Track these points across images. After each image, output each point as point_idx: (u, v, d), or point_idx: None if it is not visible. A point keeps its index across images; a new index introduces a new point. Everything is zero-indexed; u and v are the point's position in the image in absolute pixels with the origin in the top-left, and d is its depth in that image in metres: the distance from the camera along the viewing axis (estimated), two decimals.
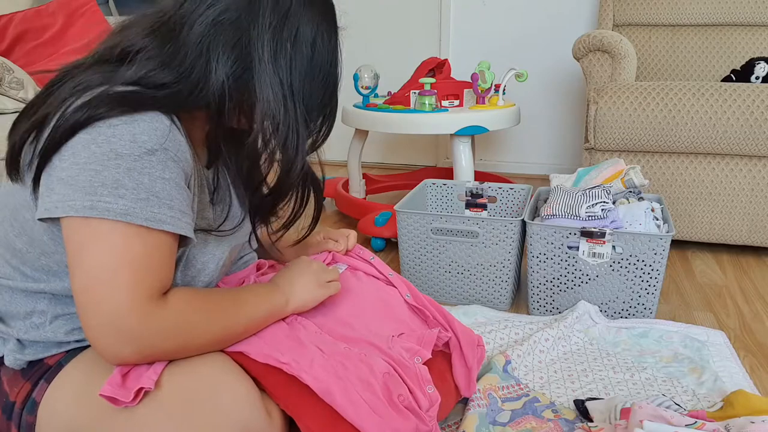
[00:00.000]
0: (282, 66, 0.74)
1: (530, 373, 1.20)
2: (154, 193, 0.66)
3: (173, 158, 0.68)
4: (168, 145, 0.68)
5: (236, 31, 0.72)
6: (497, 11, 2.93)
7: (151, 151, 0.66)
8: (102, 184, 0.64)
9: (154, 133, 0.67)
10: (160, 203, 0.67)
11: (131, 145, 0.65)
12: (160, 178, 0.67)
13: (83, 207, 0.64)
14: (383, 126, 2.06)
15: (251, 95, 0.73)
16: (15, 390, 0.76)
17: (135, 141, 0.65)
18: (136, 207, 0.65)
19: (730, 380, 1.16)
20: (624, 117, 1.83)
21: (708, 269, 1.78)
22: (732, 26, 2.34)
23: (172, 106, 0.70)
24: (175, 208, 0.69)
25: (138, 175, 0.65)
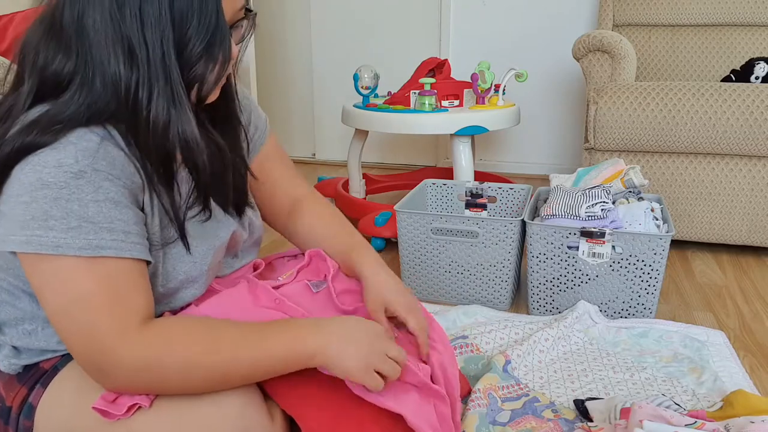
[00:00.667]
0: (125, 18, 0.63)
1: (530, 373, 1.21)
2: (86, 219, 0.62)
3: (107, 177, 0.64)
4: (98, 164, 0.63)
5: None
6: (497, 11, 2.93)
7: (78, 174, 0.62)
8: (32, 217, 0.62)
9: (81, 153, 0.62)
10: (96, 228, 0.63)
11: (56, 171, 0.61)
12: (93, 201, 0.63)
13: (20, 242, 0.62)
14: (383, 126, 2.06)
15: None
16: (11, 395, 0.75)
17: (60, 166, 0.61)
18: (67, 237, 0.62)
19: (729, 380, 1.16)
20: (624, 117, 1.83)
21: (708, 269, 1.78)
22: (732, 26, 2.34)
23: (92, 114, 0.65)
24: (116, 230, 0.64)
25: (66, 203, 0.62)
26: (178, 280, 0.75)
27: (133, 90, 0.64)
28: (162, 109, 0.65)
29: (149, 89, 0.65)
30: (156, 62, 0.64)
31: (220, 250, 0.82)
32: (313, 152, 3.46)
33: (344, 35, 3.20)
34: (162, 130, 0.66)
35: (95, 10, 0.63)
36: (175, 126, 0.66)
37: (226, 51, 0.68)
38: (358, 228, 1.96)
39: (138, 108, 0.65)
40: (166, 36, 0.64)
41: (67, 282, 0.63)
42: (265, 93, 3.43)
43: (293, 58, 3.35)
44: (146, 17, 0.63)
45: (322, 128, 3.38)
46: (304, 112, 3.42)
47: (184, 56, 0.65)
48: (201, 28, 0.65)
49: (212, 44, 0.66)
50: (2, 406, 0.76)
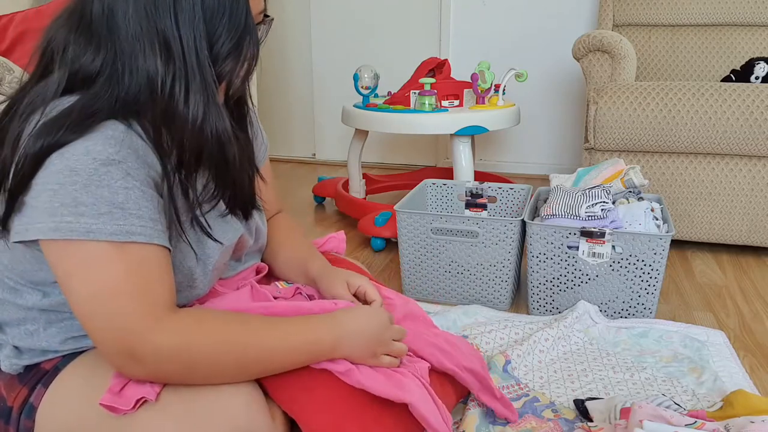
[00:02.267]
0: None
1: (530, 373, 1.21)
2: (117, 204, 0.63)
3: (134, 165, 0.65)
4: (125, 152, 0.64)
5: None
6: (497, 11, 2.93)
7: (106, 161, 0.63)
8: (61, 203, 0.62)
9: (108, 142, 0.63)
10: (125, 214, 0.63)
11: (85, 159, 0.62)
12: (122, 188, 0.63)
13: (48, 229, 0.62)
14: (383, 126, 2.06)
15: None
16: (12, 395, 0.75)
17: (89, 154, 0.62)
18: (98, 223, 0.62)
19: (729, 380, 1.16)
20: (624, 117, 1.83)
21: (708, 269, 1.78)
22: (732, 26, 2.34)
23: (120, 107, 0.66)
24: (145, 216, 0.65)
25: (96, 189, 0.62)
26: (183, 276, 0.75)
27: (169, 85, 0.65)
28: (198, 105, 0.67)
29: (186, 84, 0.66)
30: (191, 58, 0.65)
31: (227, 251, 0.82)
32: (313, 152, 3.46)
33: (344, 35, 3.20)
34: (199, 125, 0.67)
35: (127, 4, 0.64)
36: (211, 121, 0.68)
37: (255, 50, 0.70)
38: (358, 228, 1.96)
39: (175, 102, 0.66)
40: (199, 32, 0.65)
41: (98, 268, 0.63)
42: (265, 93, 3.43)
43: (293, 58, 3.35)
44: (180, 13, 0.65)
45: (322, 128, 3.38)
46: (304, 112, 3.42)
47: (214, 53, 0.67)
48: (231, 27, 0.67)
49: (241, 42, 0.68)
50: (3, 406, 0.76)
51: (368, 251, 1.93)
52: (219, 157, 0.72)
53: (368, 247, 1.97)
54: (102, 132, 0.64)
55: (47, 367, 0.76)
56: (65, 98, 0.67)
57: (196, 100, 0.66)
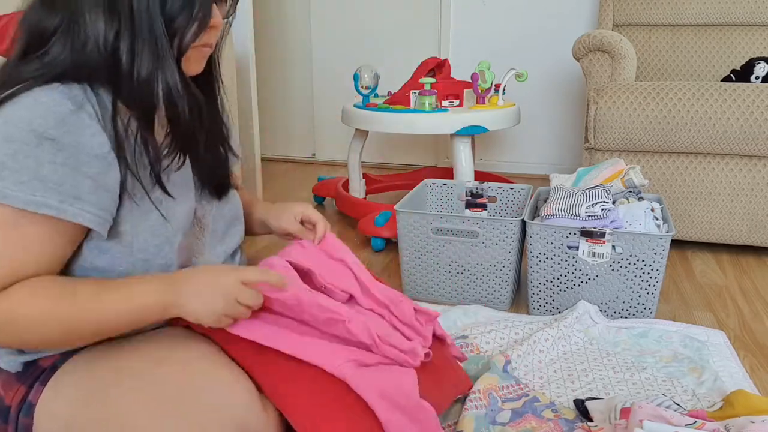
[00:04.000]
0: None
1: (530, 373, 1.20)
2: (39, 176, 0.64)
3: (71, 145, 0.65)
4: (64, 132, 0.65)
5: None
6: (497, 11, 2.93)
7: (42, 136, 0.64)
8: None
9: (51, 118, 0.64)
10: (44, 186, 0.64)
11: (22, 129, 0.64)
12: (49, 162, 0.64)
13: None
14: (383, 126, 2.06)
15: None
16: (10, 393, 0.75)
17: (29, 125, 0.64)
18: (15, 190, 0.64)
19: (729, 380, 1.16)
20: (624, 117, 1.83)
21: (708, 269, 1.78)
22: (732, 26, 2.34)
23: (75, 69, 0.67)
24: (65, 193, 0.66)
25: (23, 158, 0.63)
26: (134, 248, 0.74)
27: (112, 41, 0.67)
28: (146, 59, 0.68)
29: (131, 40, 0.67)
30: (141, 13, 0.67)
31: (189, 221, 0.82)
32: (313, 152, 3.46)
33: (344, 35, 3.20)
34: (146, 79, 0.68)
35: None
36: (160, 75, 0.69)
37: (207, 9, 0.71)
38: (358, 228, 1.96)
39: (118, 58, 0.67)
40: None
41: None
42: (265, 93, 3.43)
43: (293, 58, 3.36)
44: None
45: (322, 128, 3.38)
46: (304, 112, 3.42)
47: (166, 9, 0.68)
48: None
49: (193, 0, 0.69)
50: (1, 405, 0.76)
51: (368, 251, 1.93)
52: (171, 112, 0.72)
53: (368, 247, 1.97)
54: (47, 105, 0.64)
55: (45, 365, 0.76)
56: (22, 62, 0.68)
57: (143, 55, 0.68)
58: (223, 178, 0.88)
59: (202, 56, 0.76)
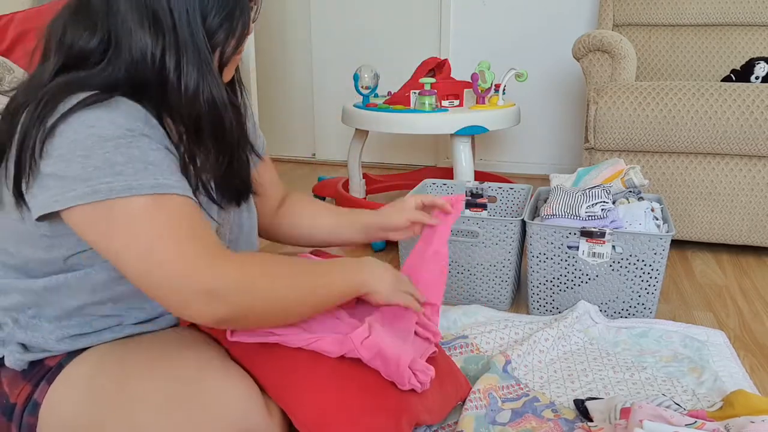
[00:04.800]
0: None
1: (530, 373, 1.20)
2: (149, 162, 0.65)
3: (156, 141, 0.67)
4: (148, 129, 0.66)
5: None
6: (497, 11, 2.93)
7: (132, 131, 0.65)
8: (95, 167, 0.62)
9: (132, 116, 0.65)
10: (159, 171, 0.65)
11: (111, 127, 0.64)
12: (150, 149, 0.65)
13: (84, 194, 0.62)
14: (383, 126, 2.06)
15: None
16: (15, 391, 0.76)
17: (114, 122, 0.64)
18: (138, 178, 0.63)
19: (729, 380, 1.16)
20: (624, 117, 1.83)
21: (708, 269, 1.78)
22: (732, 26, 2.34)
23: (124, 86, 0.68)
24: (177, 174, 0.67)
25: (127, 149, 0.64)
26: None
27: (159, 57, 0.68)
28: (191, 73, 0.69)
29: (177, 55, 0.68)
30: (183, 29, 0.68)
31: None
32: (313, 152, 3.46)
33: (344, 35, 3.20)
34: (193, 93, 0.69)
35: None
36: (206, 88, 0.70)
37: (246, 21, 0.73)
38: None
39: (166, 74, 0.68)
40: (191, 4, 0.68)
41: (143, 223, 0.63)
42: (265, 93, 3.43)
43: (293, 59, 3.36)
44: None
45: (322, 128, 3.38)
46: (304, 112, 3.42)
47: (207, 24, 0.69)
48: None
49: (232, 14, 0.71)
50: (6, 403, 0.76)
51: (368, 251, 1.93)
52: (217, 124, 0.73)
53: (368, 247, 1.97)
54: (124, 108, 0.65)
55: (51, 364, 0.76)
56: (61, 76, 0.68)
57: (189, 70, 0.69)
58: (245, 185, 0.87)
59: (234, 64, 0.78)
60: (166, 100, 0.69)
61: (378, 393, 0.80)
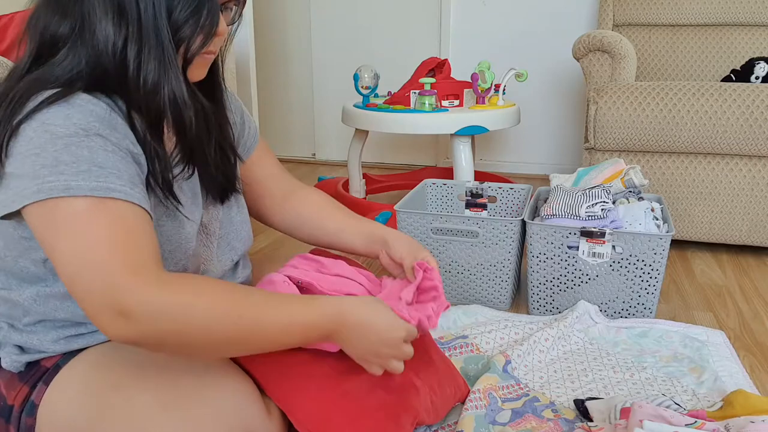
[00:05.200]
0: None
1: (530, 373, 1.20)
2: (96, 164, 0.63)
3: (114, 141, 0.65)
4: (106, 129, 0.65)
5: None
6: (497, 11, 2.93)
7: (87, 129, 0.63)
8: (42, 165, 0.61)
9: (91, 115, 0.64)
10: (104, 173, 0.63)
11: (66, 124, 0.63)
12: (102, 149, 0.64)
13: (32, 193, 0.61)
14: (383, 126, 2.06)
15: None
16: (12, 393, 0.76)
17: (70, 119, 0.63)
18: (78, 179, 0.62)
19: (729, 380, 1.16)
20: (624, 117, 1.83)
21: (708, 269, 1.78)
22: (732, 26, 2.34)
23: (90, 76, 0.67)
24: (124, 178, 0.64)
25: (76, 149, 0.62)
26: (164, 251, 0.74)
27: (120, 47, 0.66)
28: (152, 67, 0.67)
29: (138, 47, 0.67)
30: (148, 21, 0.66)
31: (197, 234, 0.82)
32: (313, 152, 3.46)
33: (344, 35, 3.20)
34: (152, 87, 0.68)
35: None
36: (166, 83, 0.68)
37: (214, 18, 0.71)
38: None
39: (126, 65, 0.67)
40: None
41: (81, 224, 0.61)
42: (265, 93, 3.43)
43: (293, 58, 3.36)
44: None
45: (322, 128, 3.38)
46: (304, 112, 3.42)
47: (173, 18, 0.68)
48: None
49: (200, 10, 0.69)
50: (4, 405, 0.76)
51: None
52: (177, 120, 0.71)
53: None
54: (84, 105, 0.64)
55: (48, 365, 0.76)
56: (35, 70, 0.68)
57: (149, 63, 0.67)
58: (229, 182, 0.86)
59: (205, 63, 0.76)
60: (126, 92, 0.68)
61: (377, 393, 0.80)
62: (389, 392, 0.82)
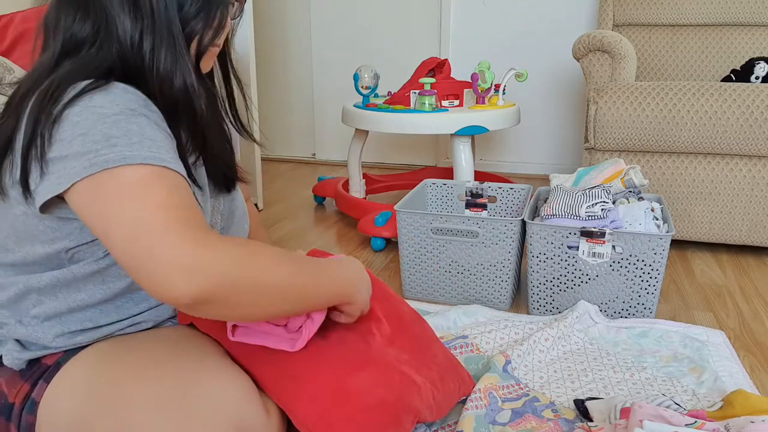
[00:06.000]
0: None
1: (530, 373, 1.21)
2: (146, 137, 0.65)
3: (155, 119, 0.68)
4: (148, 110, 0.67)
5: None
6: (497, 11, 2.93)
7: (132, 109, 0.66)
8: (93, 141, 0.62)
9: (132, 98, 0.67)
10: (155, 145, 0.65)
11: (111, 105, 0.65)
12: (149, 126, 0.66)
13: (83, 168, 0.62)
14: (383, 126, 2.06)
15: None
16: (13, 391, 0.76)
17: (114, 101, 0.65)
18: (132, 150, 0.63)
19: (729, 380, 1.16)
20: (624, 117, 1.83)
21: (708, 269, 1.78)
22: (732, 26, 2.34)
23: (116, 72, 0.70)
24: (171, 153, 0.67)
25: (126, 124, 0.64)
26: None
27: (137, 39, 0.70)
28: (164, 58, 0.71)
29: (153, 39, 0.70)
30: (160, 14, 0.70)
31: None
32: (313, 152, 3.46)
33: (344, 35, 3.20)
34: (168, 78, 0.71)
35: None
36: (179, 73, 0.72)
37: (223, 14, 0.75)
38: (358, 228, 1.96)
39: (143, 56, 0.70)
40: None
41: (139, 191, 0.61)
42: (265, 93, 3.43)
43: (293, 58, 3.36)
44: None
45: (322, 128, 3.38)
46: (304, 112, 3.42)
47: (183, 12, 0.72)
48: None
49: (209, 4, 0.73)
50: (4, 402, 0.76)
51: (368, 251, 1.93)
52: (189, 110, 0.74)
53: (368, 247, 1.97)
54: (123, 91, 0.67)
55: (49, 363, 0.76)
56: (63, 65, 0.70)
57: (162, 54, 0.71)
58: (230, 173, 0.89)
59: (212, 56, 0.79)
60: (144, 82, 0.71)
61: (377, 391, 0.80)
62: (389, 391, 0.82)
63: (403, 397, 0.83)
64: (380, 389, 0.81)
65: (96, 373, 0.72)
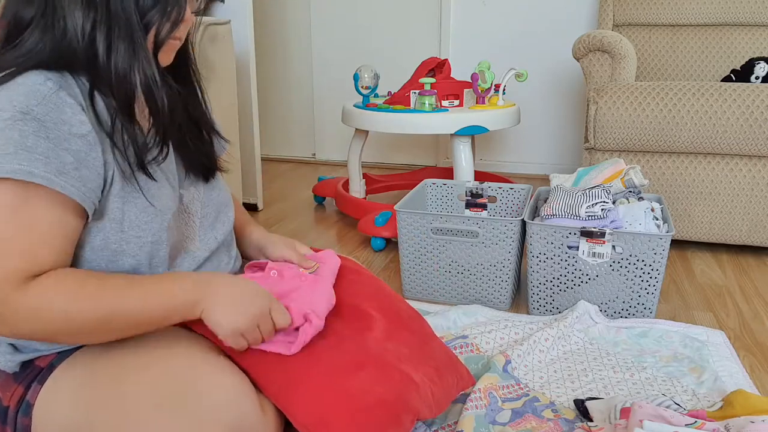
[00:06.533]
0: None
1: (530, 373, 1.21)
2: (24, 147, 0.63)
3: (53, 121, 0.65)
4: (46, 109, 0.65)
5: None
6: (497, 11, 2.93)
7: (25, 111, 0.64)
8: None
9: (32, 96, 0.65)
10: (30, 157, 0.63)
11: (8, 106, 0.64)
12: (33, 135, 0.64)
13: None
14: (383, 126, 2.06)
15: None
16: (8, 394, 0.76)
17: (10, 101, 0.64)
18: (1, 160, 0.62)
19: (729, 380, 1.16)
20: (624, 117, 1.83)
21: (708, 269, 1.78)
22: (732, 26, 2.34)
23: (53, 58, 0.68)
24: (52, 165, 0.64)
25: (9, 132, 0.63)
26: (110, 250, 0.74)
27: (89, 29, 0.68)
28: (122, 51, 0.69)
29: (108, 32, 0.68)
30: (116, 4, 0.68)
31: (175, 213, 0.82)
32: (313, 152, 3.46)
33: (344, 35, 3.20)
34: (123, 72, 0.69)
35: None
36: (137, 65, 0.70)
37: (181, 6, 0.72)
38: (358, 228, 1.96)
39: (96, 47, 0.68)
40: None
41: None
42: (265, 93, 3.43)
43: (293, 59, 3.36)
44: None
45: (322, 128, 3.38)
46: (304, 112, 3.42)
47: (140, 3, 0.69)
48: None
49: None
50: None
51: (368, 251, 1.93)
52: (150, 101, 0.73)
53: (368, 247, 1.97)
54: (25, 85, 0.65)
55: (42, 365, 0.76)
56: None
57: (119, 46, 0.69)
58: (208, 163, 0.88)
59: (172, 48, 0.77)
60: (96, 75, 0.69)
61: (377, 391, 0.80)
62: (388, 390, 0.82)
63: (403, 396, 0.83)
64: (380, 388, 0.81)
65: (90, 374, 0.72)
